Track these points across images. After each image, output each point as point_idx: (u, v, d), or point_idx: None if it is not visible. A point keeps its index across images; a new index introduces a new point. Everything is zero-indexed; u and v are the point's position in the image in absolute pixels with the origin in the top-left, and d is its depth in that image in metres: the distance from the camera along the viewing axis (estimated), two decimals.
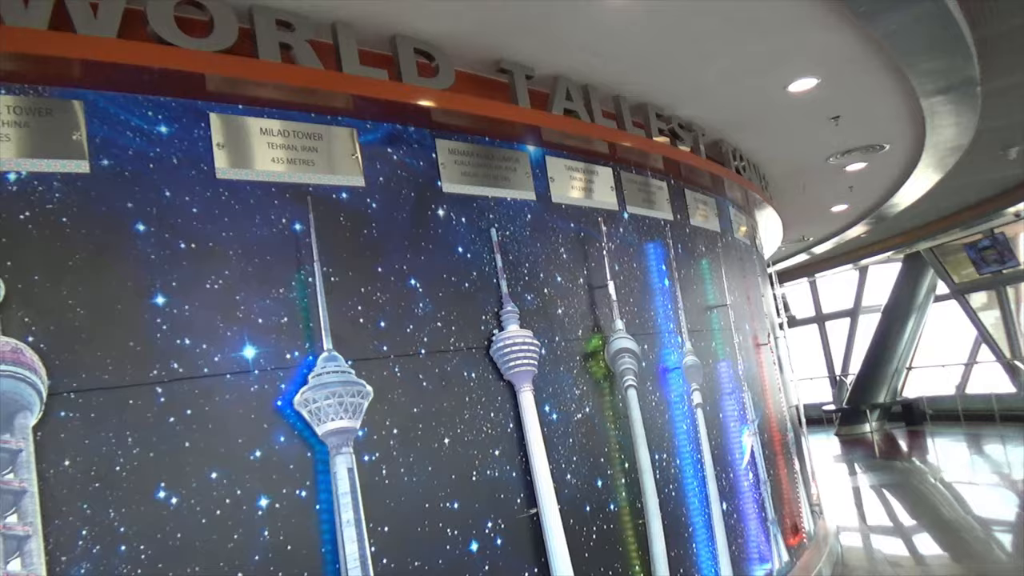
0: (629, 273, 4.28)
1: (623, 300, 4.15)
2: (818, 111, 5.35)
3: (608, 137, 4.04)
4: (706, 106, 4.92)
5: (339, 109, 3.06)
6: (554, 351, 3.64)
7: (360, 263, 3.00)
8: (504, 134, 3.69)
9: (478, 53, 3.61)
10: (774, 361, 6.04)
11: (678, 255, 4.79)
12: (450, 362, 3.18)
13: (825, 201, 8.76)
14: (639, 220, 4.49)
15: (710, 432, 4.59)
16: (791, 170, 7.04)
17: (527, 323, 3.53)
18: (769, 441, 5.57)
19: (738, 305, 5.59)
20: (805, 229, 10.81)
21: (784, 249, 12.75)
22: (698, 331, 4.82)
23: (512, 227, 3.62)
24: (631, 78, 4.24)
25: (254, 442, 2.57)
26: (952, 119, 5.55)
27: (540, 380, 3.51)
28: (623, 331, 3.94)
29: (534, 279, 3.65)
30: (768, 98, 4.87)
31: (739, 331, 5.42)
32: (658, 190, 4.78)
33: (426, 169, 3.33)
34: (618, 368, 3.86)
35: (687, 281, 4.85)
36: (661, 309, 4.49)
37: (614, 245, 4.21)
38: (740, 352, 5.35)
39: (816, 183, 7.72)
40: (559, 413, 3.56)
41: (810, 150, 6.42)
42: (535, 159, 3.86)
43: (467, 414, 3.18)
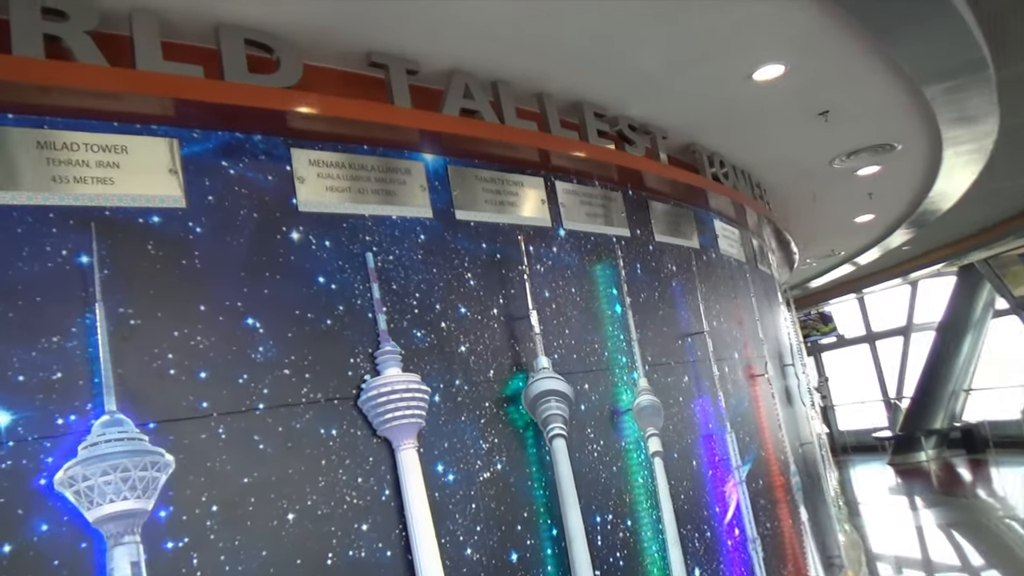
0: (565, 300, 3.65)
1: (556, 332, 3.53)
2: (799, 105, 4.68)
3: (519, 140, 3.46)
4: (659, 104, 4.30)
5: (150, 116, 2.54)
6: (453, 397, 3.03)
7: (174, 301, 2.46)
8: (389, 141, 3.13)
9: (339, 45, 3.06)
10: (774, 393, 5.28)
11: (635, 276, 4.14)
12: (300, 418, 2.60)
13: (844, 211, 7.98)
14: (581, 237, 3.87)
15: (677, 484, 3.89)
16: (791, 177, 6.33)
17: (415, 365, 2.94)
18: (766, 488, 4.81)
19: (723, 332, 4.88)
20: (831, 242, 9.98)
21: (815, 264, 11.89)
22: (663, 364, 4.15)
23: (398, 250, 3.05)
24: (555, 72, 3.66)
25: (3, 533, 2.03)
26: (963, 111, 4.80)
27: (431, 434, 2.91)
28: (548, 370, 3.31)
29: (427, 312, 3.06)
30: (732, 91, 4.23)
31: (723, 362, 4.71)
32: (608, 202, 4.15)
33: (276, 184, 2.79)
34: (540, 414, 3.22)
35: (648, 307, 4.20)
36: (611, 341, 3.84)
37: (543, 267, 3.60)
38: (724, 386, 4.64)
39: (827, 191, 6.97)
40: (457, 473, 2.94)
41: (806, 152, 5.72)
42: (433, 170, 3.29)
43: (322, 481, 2.59)
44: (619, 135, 4.21)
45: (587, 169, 3.99)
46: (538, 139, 3.56)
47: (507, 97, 3.52)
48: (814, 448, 6.11)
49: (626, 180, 4.32)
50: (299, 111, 2.75)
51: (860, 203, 7.69)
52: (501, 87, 3.52)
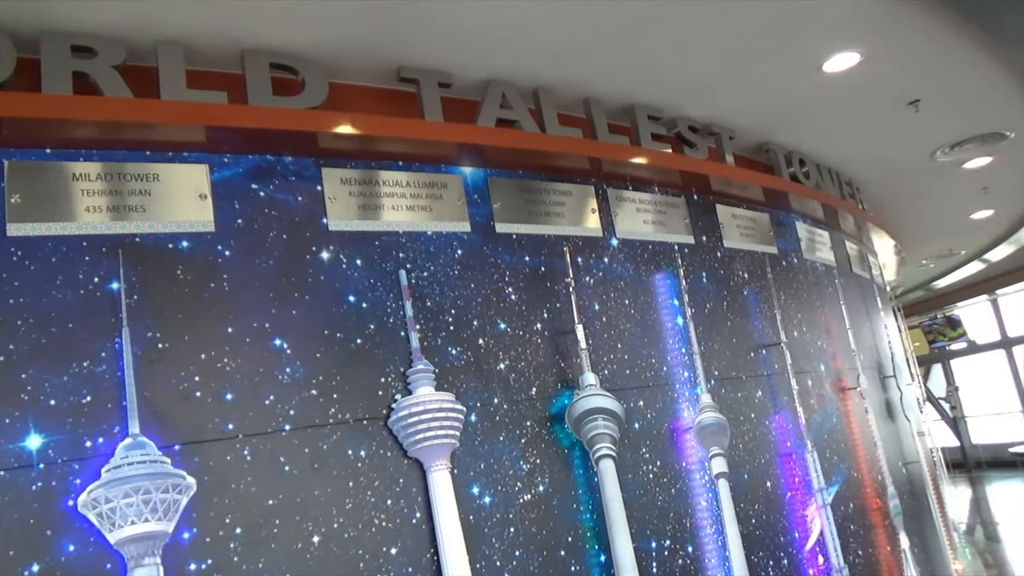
0: (618, 312, 3.50)
1: (607, 346, 3.38)
2: (883, 96, 4.31)
3: (561, 148, 3.34)
4: (721, 103, 4.06)
5: (180, 144, 2.61)
6: (491, 416, 2.95)
7: (202, 324, 2.50)
8: (423, 156, 3.09)
9: (368, 62, 3.05)
10: (868, 408, 4.88)
11: (699, 286, 3.92)
12: (327, 439, 2.59)
13: (956, 207, 7.34)
14: (636, 246, 3.71)
15: (748, 508, 3.64)
16: (888, 174, 5.86)
17: (450, 384, 2.88)
18: (858, 512, 4.44)
19: (805, 342, 4.56)
20: (947, 241, 9.22)
21: (933, 266, 11.05)
22: (732, 379, 3.90)
23: (433, 266, 3.00)
24: (601, 76, 3.53)
25: (31, 553, 2.10)
26: None
27: (466, 455, 2.83)
28: (595, 386, 3.17)
29: (463, 328, 2.99)
30: (803, 85, 3.95)
31: (804, 375, 4.39)
32: (669, 208, 3.96)
33: (307, 205, 2.81)
34: (586, 434, 3.09)
35: (716, 317, 3.97)
36: (671, 354, 3.64)
37: (593, 279, 3.46)
38: (805, 401, 4.32)
39: (933, 187, 6.43)
40: (495, 496, 2.85)
41: (901, 147, 5.27)
42: (472, 182, 3.23)
43: (350, 504, 2.57)
44: (678, 137, 4.01)
45: (642, 175, 3.82)
46: (582, 145, 3.44)
47: (548, 104, 3.42)
48: (921, 467, 5.60)
49: (689, 184, 4.11)
50: (327, 131, 2.75)
51: (974, 198, 7.04)
52: (542, 94, 3.42)
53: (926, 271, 11.79)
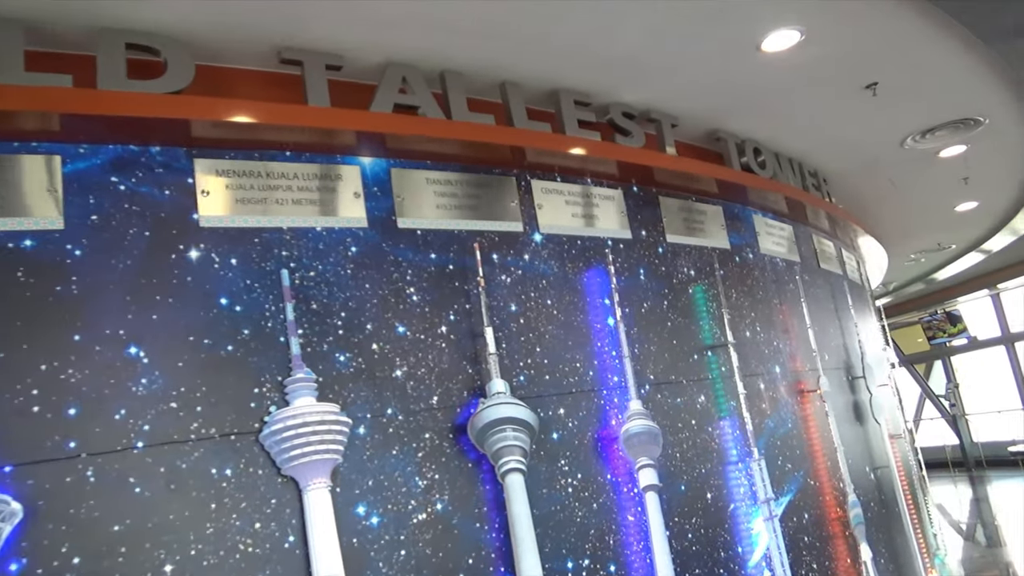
0: (539, 313, 3.28)
1: (524, 350, 3.16)
2: (838, 79, 4.07)
3: (468, 135, 3.11)
4: (657, 87, 3.83)
5: (28, 133, 2.39)
6: (383, 429, 2.73)
7: (45, 331, 2.29)
8: (314, 145, 2.87)
9: (246, 42, 2.82)
10: (829, 411, 4.64)
11: (637, 284, 3.70)
12: (187, 457, 2.37)
13: (937, 199, 7.09)
14: (563, 241, 3.48)
15: (683, 522, 3.42)
16: (857, 164, 5.62)
17: (336, 394, 2.66)
18: (815, 523, 4.21)
19: (758, 343, 4.33)
20: (933, 235, 8.96)
21: (924, 260, 10.79)
22: (673, 383, 3.68)
23: (322, 265, 2.78)
24: (518, 58, 3.29)
25: None
26: None
27: (351, 471, 2.62)
28: (504, 395, 2.95)
29: (355, 332, 2.77)
30: (742, 66, 3.71)
31: (755, 377, 4.16)
32: (603, 201, 3.73)
33: (175, 199, 2.58)
34: (491, 447, 2.87)
35: (654, 317, 3.74)
36: (600, 358, 3.42)
37: (511, 277, 3.23)
38: (755, 405, 4.09)
39: (909, 177, 6.18)
40: (384, 515, 2.63)
41: (866, 134, 5.03)
42: (372, 174, 3.00)
43: (211, 528, 2.35)
44: (611, 125, 3.77)
45: (573, 165, 3.59)
46: (493, 133, 3.21)
47: (457, 89, 3.19)
48: (891, 473, 5.36)
49: (628, 175, 3.88)
50: (190, 118, 2.52)
51: (956, 190, 6.78)
52: (450, 78, 3.19)
53: (919, 266, 11.51)
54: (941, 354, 19.62)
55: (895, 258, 10.12)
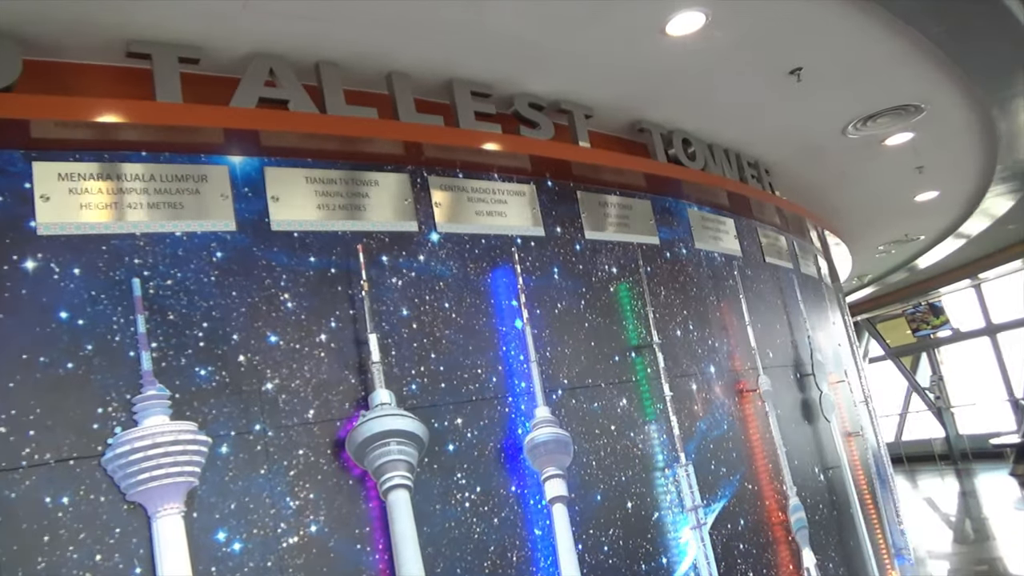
0: (435, 317, 3.10)
1: (417, 357, 3.00)
2: (757, 65, 3.93)
3: (342, 130, 2.94)
4: (564, 75, 3.67)
5: None
6: (249, 447, 2.55)
7: None
8: (175, 145, 2.69)
9: (91, 36, 2.64)
10: (770, 411, 4.48)
11: (550, 283, 3.54)
12: (17, 486, 2.19)
13: (893, 190, 6.95)
14: (465, 241, 3.31)
15: (599, 534, 3.25)
16: (801, 154, 5.48)
17: (195, 411, 2.49)
18: (752, 529, 4.04)
19: (691, 342, 4.16)
20: (899, 226, 8.83)
21: (894, 252, 10.67)
22: (590, 387, 3.51)
23: (181, 273, 2.60)
24: (405, 48, 3.12)
25: None
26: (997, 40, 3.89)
27: (211, 494, 2.44)
28: (389, 405, 2.77)
29: (218, 344, 2.59)
30: (649, 51, 3.55)
31: (685, 378, 4.00)
32: (512, 196, 3.56)
33: (8, 206, 2.40)
34: (372, 462, 2.69)
35: (571, 318, 3.57)
36: (505, 363, 3.25)
37: (403, 280, 3.06)
38: (687, 407, 3.93)
39: (860, 168, 6.04)
40: (248, 541, 2.46)
41: (803, 122, 4.88)
42: (243, 174, 2.82)
43: (43, 562, 2.18)
44: (516, 116, 3.61)
45: (477, 160, 3.42)
46: (374, 127, 3.03)
47: (333, 81, 3.02)
48: (843, 473, 5.19)
49: (542, 169, 3.71)
50: (14, 117, 2.34)
51: (912, 179, 6.65)
52: (325, 69, 3.01)
53: (897, 255, 11.34)
54: (926, 346, 19.57)
55: (863, 251, 10.02)
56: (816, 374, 5.25)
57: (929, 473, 16.93)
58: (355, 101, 3.07)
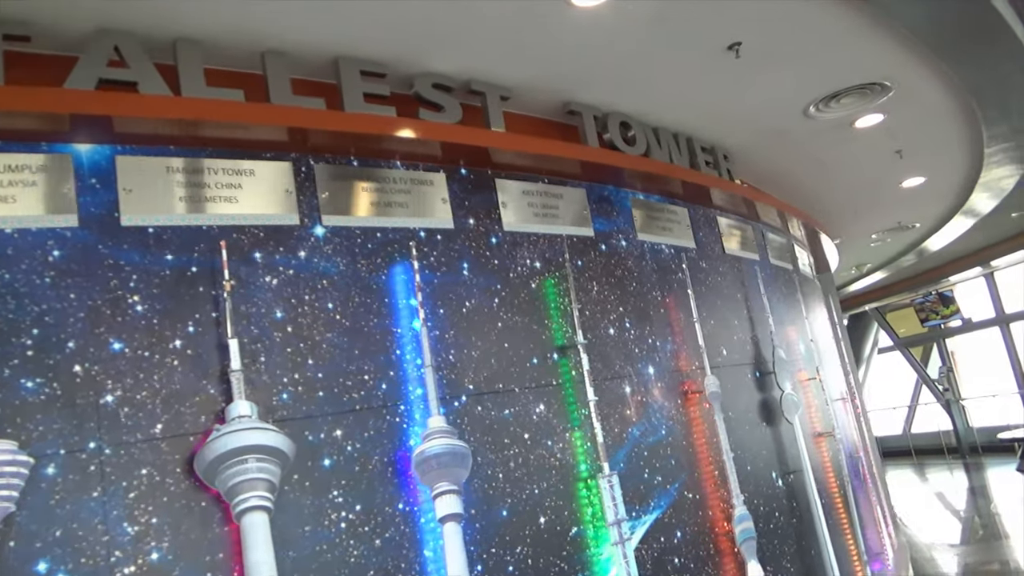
0: (316, 319, 2.87)
1: (292, 364, 2.77)
2: (687, 38, 3.62)
3: (196, 114, 2.68)
4: (470, 52, 3.41)
5: None
6: (81, 467, 2.32)
7: None
8: (3, 132, 2.45)
9: None
10: (717, 412, 4.21)
11: (458, 280, 3.29)
12: None
13: (874, 175, 6.63)
14: (356, 235, 3.06)
15: (505, 552, 3.03)
16: (762, 138, 5.19)
17: (18, 427, 2.27)
18: (692, 541, 3.79)
19: (627, 340, 3.91)
20: (888, 214, 8.49)
21: (890, 241, 10.32)
22: (501, 393, 3.27)
23: (9, 274, 2.38)
24: (279, 25, 2.87)
25: None
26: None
27: (32, 521, 2.23)
28: (249, 418, 2.53)
29: (50, 353, 2.36)
30: (558, 24, 3.26)
31: (619, 380, 3.75)
32: (416, 186, 3.31)
33: None
34: (225, 482, 2.45)
35: (481, 318, 3.32)
36: (398, 368, 3.00)
37: (279, 279, 2.82)
38: (619, 412, 3.68)
39: (832, 152, 5.74)
40: (74, 571, 2.23)
41: (756, 103, 4.57)
42: (91, 163, 2.59)
43: None
44: (417, 98, 3.35)
45: (371, 145, 3.17)
46: (231, 110, 2.77)
47: (192, 61, 2.77)
48: (805, 478, 4.91)
49: (455, 156, 3.46)
50: None
51: (893, 164, 6.32)
52: (183, 48, 2.76)
53: (894, 243, 10.94)
54: (935, 336, 19.19)
55: (856, 240, 9.69)
56: (778, 372, 4.97)
57: (937, 467, 16.58)
58: (221, 83, 2.82)
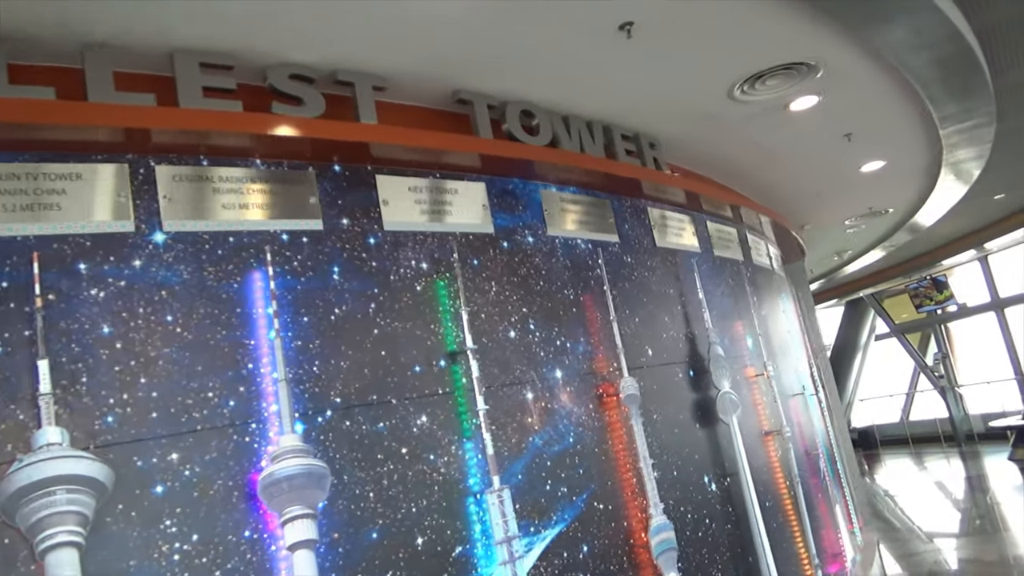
0: (151, 333, 2.66)
1: (121, 383, 2.56)
2: (573, 18, 3.39)
3: None
4: (330, 42, 3.18)
5: None
6: None
7: None
8: None
9: None
10: (635, 415, 3.99)
11: (326, 284, 3.09)
12: None
13: (827, 161, 6.38)
14: (202, 240, 2.86)
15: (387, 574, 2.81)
16: (690, 124, 4.97)
17: None
18: (600, 555, 3.58)
19: (531, 343, 3.70)
20: (856, 201, 8.25)
21: (864, 227, 10.07)
22: (376, 405, 3.06)
23: None
24: (102, 15, 2.66)
25: None
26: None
27: None
28: (58, 446, 2.33)
29: None
30: (430, 8, 3.04)
31: (519, 386, 3.54)
32: (280, 185, 3.10)
33: None
34: (27, 518, 2.25)
35: (353, 324, 3.12)
36: (249, 383, 2.80)
37: (107, 292, 2.61)
38: (517, 420, 3.47)
39: (773, 137, 5.51)
40: None
41: (672, 86, 4.34)
42: None
43: None
44: (272, 91, 3.14)
45: (224, 144, 2.96)
46: (31, 109, 2.54)
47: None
48: (742, 482, 4.68)
49: (327, 153, 3.25)
50: None
51: (844, 148, 6.08)
52: None
53: (871, 230, 10.66)
54: (931, 322, 18.96)
55: (828, 227, 9.47)
56: (714, 370, 4.75)
57: (932, 456, 16.35)
58: (28, 80, 2.61)
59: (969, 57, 4.37)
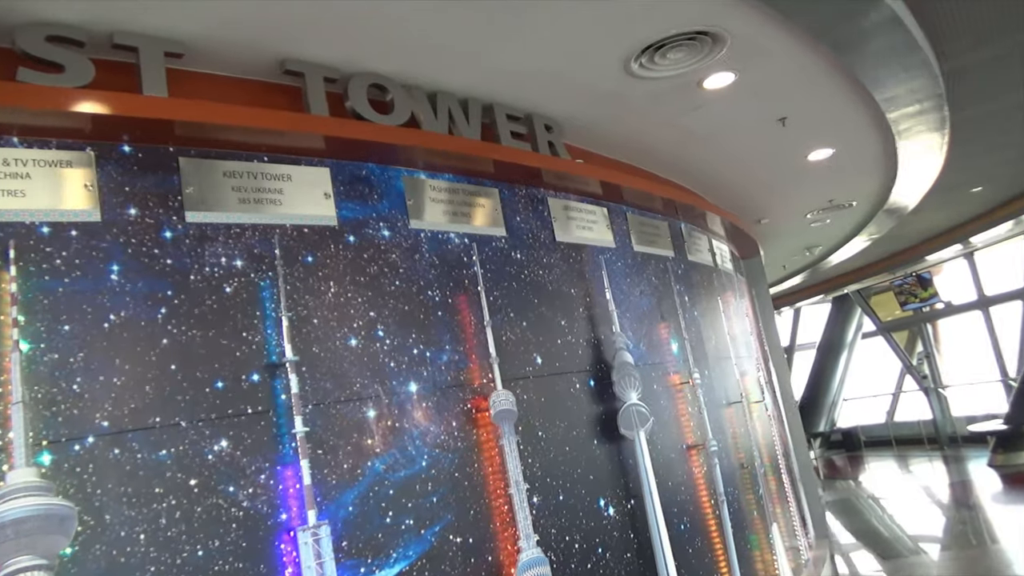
0: None
1: None
2: None
3: None
4: None
5: None
6: None
7: None
8: None
9: None
10: (507, 434, 3.54)
11: (99, 288, 2.64)
12: None
13: (768, 149, 5.94)
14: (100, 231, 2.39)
15: None
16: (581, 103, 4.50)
17: None
18: None
19: (376, 353, 3.25)
20: (812, 193, 7.82)
21: (829, 222, 9.67)
22: (153, 430, 2.61)
23: None
24: None
25: None
26: None
27: None
28: None
29: None
30: None
31: (355, 403, 3.09)
32: (43, 169, 2.63)
33: None
34: None
35: (131, 335, 2.67)
36: None
37: None
38: (350, 441, 3.02)
39: (694, 121, 5.08)
40: None
41: (549, 58, 3.87)
42: None
43: None
44: (27, 57, 2.67)
45: None
46: None
47: None
48: (649, 503, 4.22)
49: (115, 132, 2.80)
50: None
51: (783, 134, 5.63)
52: None
53: (832, 228, 10.25)
54: (917, 321, 18.64)
55: (787, 221, 9.05)
56: (618, 380, 4.29)
57: (915, 459, 16.01)
58: None
59: (901, 33, 3.94)
